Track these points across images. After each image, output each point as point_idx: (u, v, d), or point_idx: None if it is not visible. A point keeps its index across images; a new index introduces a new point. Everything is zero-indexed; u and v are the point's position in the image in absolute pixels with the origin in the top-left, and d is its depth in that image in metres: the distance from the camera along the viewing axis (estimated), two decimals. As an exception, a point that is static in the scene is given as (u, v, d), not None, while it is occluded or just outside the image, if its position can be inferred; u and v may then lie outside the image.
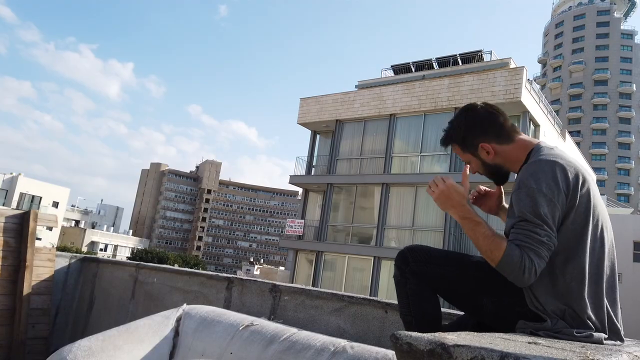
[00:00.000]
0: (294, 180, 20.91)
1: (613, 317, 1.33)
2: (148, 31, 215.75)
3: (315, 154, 21.57)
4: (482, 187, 1.74)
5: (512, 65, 19.12)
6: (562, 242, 1.32)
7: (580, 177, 1.34)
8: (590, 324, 1.29)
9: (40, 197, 47.74)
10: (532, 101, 17.19)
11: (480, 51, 21.82)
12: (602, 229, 1.37)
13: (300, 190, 22.13)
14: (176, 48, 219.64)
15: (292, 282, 17.41)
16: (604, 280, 1.35)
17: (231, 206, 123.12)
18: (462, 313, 1.73)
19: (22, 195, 46.36)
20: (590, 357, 0.85)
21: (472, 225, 1.39)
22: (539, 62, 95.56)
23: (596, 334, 1.28)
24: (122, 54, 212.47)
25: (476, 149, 1.54)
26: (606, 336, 1.31)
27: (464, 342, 0.80)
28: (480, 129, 1.53)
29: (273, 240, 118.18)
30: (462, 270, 1.45)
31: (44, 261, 4.05)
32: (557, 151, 1.42)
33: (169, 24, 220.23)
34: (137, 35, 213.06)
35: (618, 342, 1.32)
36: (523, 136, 1.54)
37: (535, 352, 0.83)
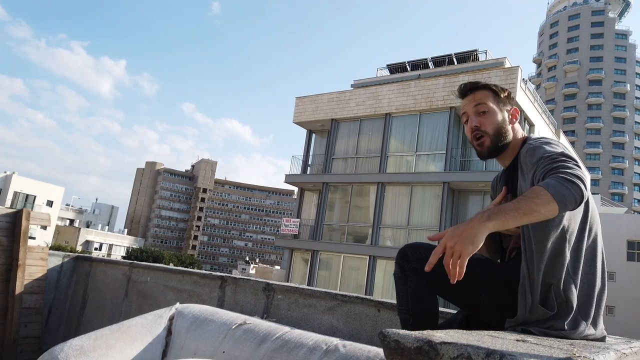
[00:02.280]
0: (289, 179, 20.90)
1: (600, 314, 1.36)
2: (140, 28, 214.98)
3: (311, 153, 21.56)
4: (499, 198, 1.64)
5: (507, 65, 19.18)
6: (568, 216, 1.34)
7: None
8: (583, 320, 1.31)
9: (35, 196, 47.47)
10: (527, 100, 17.27)
11: (476, 51, 21.87)
12: (597, 229, 1.40)
13: (295, 189, 22.13)
14: (169, 45, 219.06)
15: (288, 281, 17.41)
16: (598, 278, 1.37)
17: (227, 205, 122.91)
18: (454, 312, 1.74)
19: (16, 194, 46.09)
20: (577, 355, 0.86)
21: (513, 214, 1.18)
22: (534, 61, 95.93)
23: (587, 331, 1.30)
24: (114, 51, 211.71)
25: (507, 104, 1.62)
26: (599, 333, 1.32)
27: (451, 340, 0.81)
28: (512, 100, 1.65)
29: (269, 239, 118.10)
30: None
31: (37, 260, 4.03)
32: None
33: (161, 20, 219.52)
34: (130, 32, 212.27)
35: (603, 338, 1.34)
36: None
37: (522, 349, 0.83)
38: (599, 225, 1.42)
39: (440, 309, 1.83)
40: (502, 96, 1.62)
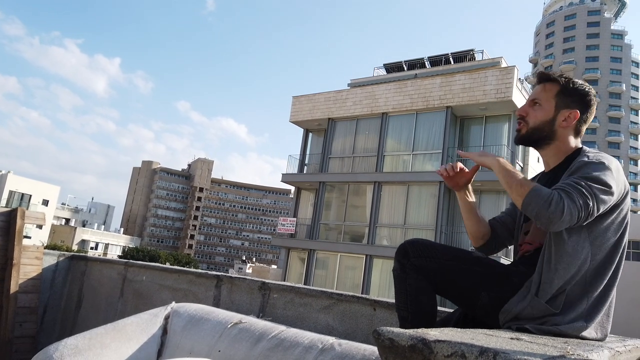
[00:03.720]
0: (286, 178, 20.89)
1: (604, 309, 1.37)
2: (134, 25, 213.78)
3: (308, 152, 21.56)
4: (459, 164, 1.71)
5: (504, 65, 19.22)
6: (603, 229, 1.36)
7: (627, 185, 1.42)
8: (583, 312, 1.32)
9: (30, 195, 47.28)
10: (523, 100, 17.30)
11: (472, 50, 21.91)
12: (624, 249, 1.42)
13: (292, 188, 22.12)
14: (163, 43, 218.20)
15: (285, 281, 17.40)
16: (612, 292, 1.39)
17: (223, 204, 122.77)
18: (451, 311, 1.74)
19: (11, 193, 45.89)
20: (571, 353, 0.86)
21: (512, 170, 1.42)
22: (530, 61, 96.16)
23: (585, 331, 1.30)
24: (108, 49, 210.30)
25: (567, 107, 1.54)
26: (597, 333, 1.33)
27: (445, 338, 0.81)
28: (588, 104, 1.56)
29: (265, 238, 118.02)
30: (462, 265, 1.45)
31: (32, 259, 4.01)
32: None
33: (155, 17, 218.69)
34: (124, 30, 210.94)
35: (600, 336, 1.34)
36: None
37: (515, 347, 0.83)
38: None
39: (439, 307, 1.83)
40: (569, 95, 1.54)
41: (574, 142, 1.55)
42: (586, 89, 1.56)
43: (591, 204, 1.27)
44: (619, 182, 1.36)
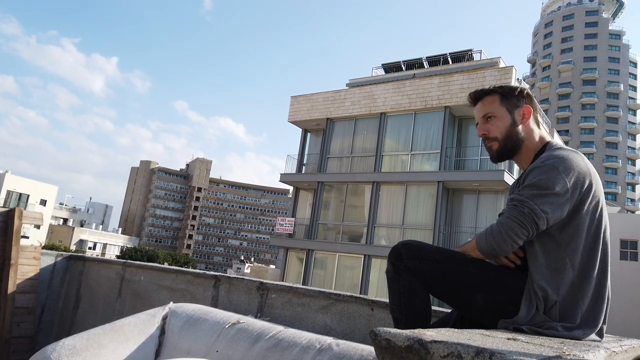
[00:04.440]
0: (284, 178, 20.89)
1: (601, 313, 1.37)
2: (132, 24, 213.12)
3: (306, 152, 21.55)
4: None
5: (502, 65, 19.24)
6: (570, 234, 1.37)
7: (592, 181, 1.42)
8: (578, 319, 1.32)
9: (28, 195, 47.16)
10: (521, 100, 17.29)
11: (470, 50, 21.93)
12: (605, 228, 1.44)
13: (290, 188, 22.11)
14: (161, 42, 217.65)
15: (283, 281, 17.39)
16: (606, 291, 1.40)
17: (222, 204, 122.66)
18: (449, 311, 1.74)
19: (9, 193, 45.77)
20: (567, 353, 0.86)
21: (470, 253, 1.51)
22: (528, 61, 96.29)
23: (579, 331, 1.31)
24: (105, 48, 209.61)
25: (517, 107, 1.59)
26: (594, 334, 1.33)
27: (441, 338, 0.81)
28: (529, 97, 1.61)
29: (264, 238, 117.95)
30: (456, 266, 1.45)
31: (30, 259, 4.00)
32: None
33: (152, 17, 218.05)
34: (121, 29, 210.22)
35: (597, 338, 1.34)
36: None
37: (512, 347, 0.84)
38: (608, 226, 1.45)
39: (435, 307, 1.83)
40: (511, 97, 1.59)
41: (538, 133, 1.59)
42: (517, 86, 1.64)
43: (526, 211, 1.33)
44: (570, 180, 1.36)
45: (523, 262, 1.47)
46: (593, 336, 1.33)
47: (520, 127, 1.57)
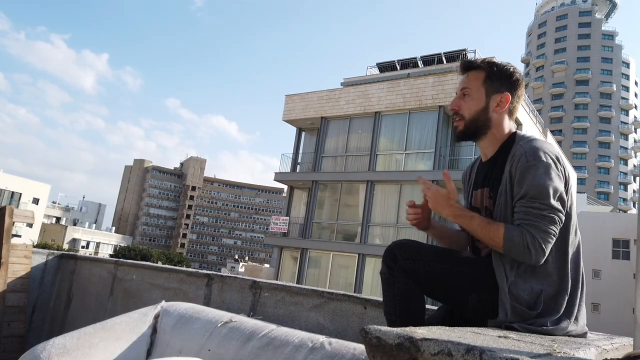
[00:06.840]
0: (279, 177, 20.87)
1: (582, 301, 1.40)
2: (122, 20, 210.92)
3: (301, 151, 21.54)
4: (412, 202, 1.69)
5: (496, 64, 19.30)
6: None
7: (565, 167, 1.44)
8: (566, 316, 1.33)
9: (20, 194, 46.79)
10: (514, 100, 17.38)
11: (465, 50, 22.00)
12: (576, 223, 1.44)
13: (285, 187, 22.09)
14: (152, 38, 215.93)
15: (277, 280, 17.37)
16: (580, 279, 1.41)
17: (216, 203, 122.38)
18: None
19: (1, 191, 45.41)
20: (557, 351, 0.86)
21: (467, 221, 1.45)
22: (522, 61, 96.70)
23: (569, 327, 1.31)
24: (96, 44, 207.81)
25: (497, 92, 1.53)
26: (579, 329, 1.34)
27: (432, 336, 0.80)
28: (516, 84, 1.55)
29: (258, 237, 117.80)
30: (451, 266, 1.44)
31: (20, 258, 3.97)
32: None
33: (143, 12, 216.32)
34: (111, 25, 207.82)
35: (584, 334, 1.36)
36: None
37: (502, 345, 0.83)
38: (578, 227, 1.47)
39: (428, 306, 1.82)
40: (495, 79, 1.53)
41: (508, 124, 1.55)
42: (511, 70, 1.56)
43: (557, 220, 1.33)
44: (562, 173, 1.38)
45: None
46: (576, 328, 1.35)
47: (492, 114, 1.53)
